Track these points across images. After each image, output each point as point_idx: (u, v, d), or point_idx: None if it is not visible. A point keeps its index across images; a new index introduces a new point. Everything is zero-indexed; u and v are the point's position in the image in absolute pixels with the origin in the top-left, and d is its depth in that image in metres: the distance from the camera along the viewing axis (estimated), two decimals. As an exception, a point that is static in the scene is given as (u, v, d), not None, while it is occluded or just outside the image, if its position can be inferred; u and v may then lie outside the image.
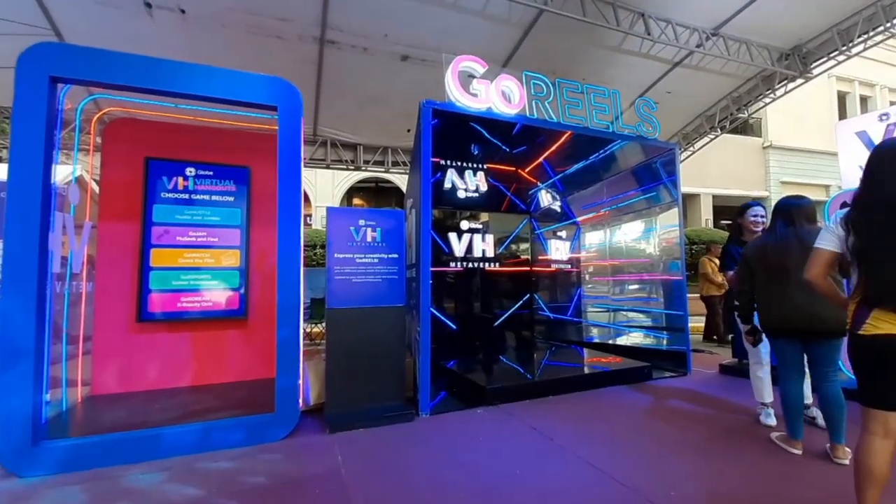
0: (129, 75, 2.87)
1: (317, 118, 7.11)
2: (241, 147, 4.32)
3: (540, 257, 6.29)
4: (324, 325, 4.11)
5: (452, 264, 5.36)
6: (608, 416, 3.40)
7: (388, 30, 5.42)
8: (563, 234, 6.34)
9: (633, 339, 5.59)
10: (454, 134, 4.64)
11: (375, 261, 3.53)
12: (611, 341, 5.79)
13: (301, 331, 3.19)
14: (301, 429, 3.12)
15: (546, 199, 6.31)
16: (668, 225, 5.12)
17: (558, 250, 6.27)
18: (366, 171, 8.82)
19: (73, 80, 2.81)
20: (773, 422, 3.14)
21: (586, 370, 4.69)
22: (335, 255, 3.42)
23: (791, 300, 2.55)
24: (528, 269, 6.23)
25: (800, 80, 7.06)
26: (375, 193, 19.50)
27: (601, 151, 5.18)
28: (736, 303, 3.03)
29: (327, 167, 8.27)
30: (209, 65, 3.06)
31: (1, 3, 4.42)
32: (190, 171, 4.13)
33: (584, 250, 6.44)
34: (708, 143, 8.86)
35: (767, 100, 7.65)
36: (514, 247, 6.26)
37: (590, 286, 6.38)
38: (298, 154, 3.23)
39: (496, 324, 5.90)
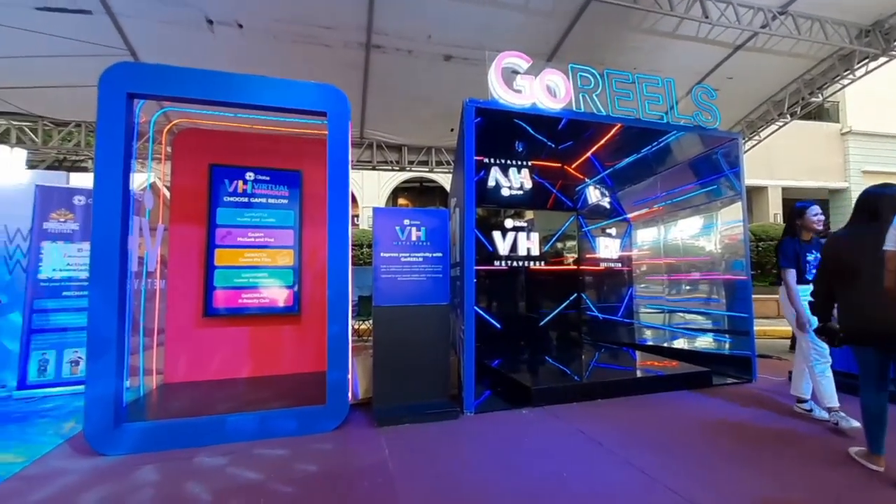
0: (195, 89, 3.11)
1: (363, 121, 7.32)
2: (294, 152, 4.54)
3: (588, 255, 6.09)
4: (371, 322, 4.23)
5: (497, 263, 5.33)
6: (662, 423, 3.23)
7: (431, 30, 5.46)
8: (612, 231, 6.10)
9: (691, 342, 5.27)
10: (498, 131, 4.60)
11: (420, 259, 3.59)
12: (666, 344, 5.49)
13: (350, 327, 3.31)
14: (350, 421, 3.24)
15: (594, 195, 6.10)
16: (730, 220, 4.77)
17: (607, 248, 6.03)
18: (410, 171, 8.96)
19: (147, 95, 3.09)
20: (856, 424, 2.82)
21: (639, 373, 4.48)
22: (381, 255, 3.51)
23: (871, 304, 2.29)
24: (574, 267, 6.05)
25: (882, 59, 6.30)
26: (420, 193, 19.76)
27: (654, 144, 4.92)
28: (811, 300, 2.79)
29: (373, 168, 8.49)
30: (263, 75, 3.25)
31: (84, 28, 4.93)
32: (249, 175, 4.39)
33: (635, 248, 6.16)
34: (776, 130, 8.14)
35: (845, 81, 6.89)
36: (559, 245, 6.10)
37: (642, 286, 6.08)
38: (346, 157, 3.35)
39: (541, 323, 5.79)
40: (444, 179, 16.86)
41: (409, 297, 3.52)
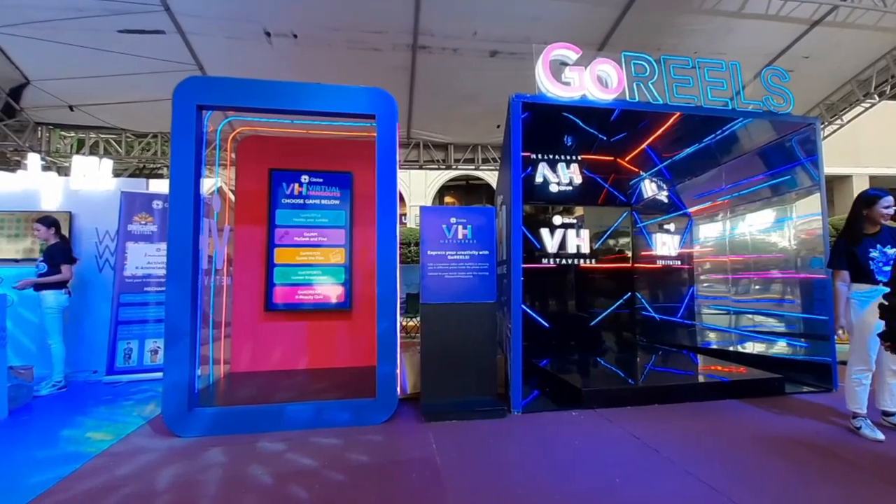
0: (255, 98, 3.32)
1: (410, 121, 7.44)
2: (345, 154, 4.71)
3: (643, 253, 5.79)
4: (418, 319, 4.30)
5: (545, 261, 5.22)
6: (727, 432, 3.01)
7: (477, 27, 5.44)
8: (670, 227, 5.75)
9: (761, 346, 4.86)
10: (545, 126, 4.50)
11: (466, 258, 3.59)
12: (732, 348, 5.10)
13: (398, 324, 3.39)
14: (399, 415, 3.32)
15: (650, 189, 5.79)
16: (807, 213, 4.34)
17: (665, 245, 5.70)
18: (456, 169, 8.99)
19: (214, 106, 3.35)
20: (881, 436, 2.72)
21: (701, 379, 4.21)
22: (428, 253, 3.56)
23: None
24: (628, 265, 5.79)
25: None
26: (466, 191, 19.77)
27: (718, 132, 4.58)
28: (883, 302, 2.54)
29: (420, 168, 8.61)
30: (317, 81, 3.40)
31: (159, 47, 5.42)
32: (304, 178, 4.62)
33: (696, 244, 5.77)
34: (862, 113, 7.28)
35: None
36: (612, 242, 5.86)
37: (705, 285, 5.69)
38: (394, 157, 3.43)
39: (593, 323, 5.60)
40: (491, 177, 16.74)
41: (456, 294, 3.54)
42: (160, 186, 5.43)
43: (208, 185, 3.70)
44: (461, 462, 2.59)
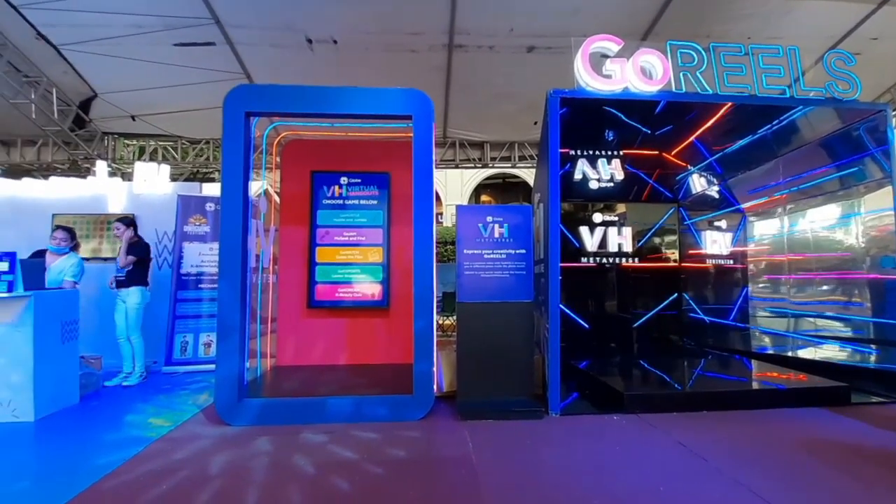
0: (298, 103, 3.46)
1: (446, 121, 7.47)
2: (382, 155, 4.79)
3: (691, 251, 5.51)
4: (455, 317, 4.31)
5: (584, 260, 5.08)
6: (783, 442, 2.81)
7: (513, 23, 5.38)
8: (721, 223, 5.44)
9: (824, 352, 4.49)
10: (585, 121, 4.38)
11: (503, 256, 3.57)
12: (790, 353, 4.75)
13: (434, 322, 3.41)
14: (435, 412, 3.35)
15: (699, 184, 5.49)
16: (877, 209, 3.97)
17: (716, 243, 5.39)
18: (493, 167, 8.94)
19: (261, 112, 3.52)
20: None
21: (755, 385, 3.96)
22: (464, 251, 3.56)
23: None
24: (675, 264, 5.52)
25: None
26: (502, 189, 19.61)
27: (775, 122, 4.28)
28: None
29: (456, 167, 8.63)
30: (356, 85, 3.49)
31: (210, 58, 5.76)
32: (344, 179, 4.75)
33: (751, 242, 5.42)
34: (947, 96, 6.56)
35: None
36: (657, 240, 5.61)
37: (760, 286, 5.34)
38: (430, 157, 3.46)
39: (636, 325, 5.38)
40: (528, 175, 16.50)
41: (493, 293, 3.52)
42: (212, 190, 5.77)
43: (255, 187, 3.89)
44: (497, 461, 2.58)
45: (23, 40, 5.61)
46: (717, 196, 5.46)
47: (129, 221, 4.67)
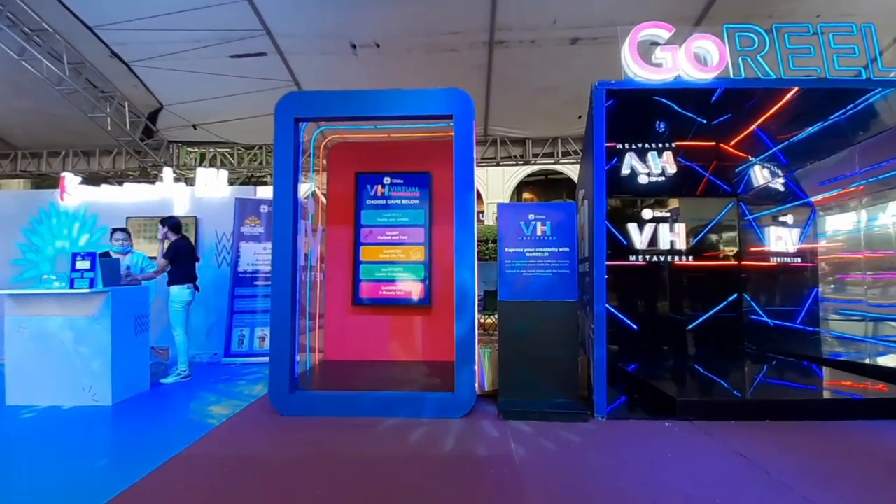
0: (343, 107, 3.58)
1: (487, 118, 7.42)
2: (424, 154, 4.85)
3: (752, 249, 5.12)
4: (496, 316, 4.28)
5: (632, 258, 4.87)
6: (859, 456, 2.56)
7: (556, 15, 5.25)
8: (788, 218, 5.02)
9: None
10: (633, 113, 4.19)
11: (546, 255, 3.50)
12: (867, 361, 4.31)
13: (476, 321, 3.41)
14: (477, 411, 3.35)
15: (761, 176, 5.09)
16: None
17: (781, 239, 4.98)
18: (535, 164, 8.78)
19: (309, 117, 3.68)
20: None
21: (826, 394, 3.63)
22: (506, 250, 3.53)
23: None
24: (734, 263, 5.16)
25: None
26: (545, 186, 19.22)
27: (849, 107, 3.89)
28: None
29: (497, 164, 8.55)
30: (398, 87, 3.56)
31: (262, 67, 6.07)
32: (386, 180, 4.86)
33: (821, 239, 4.96)
34: None
35: None
36: (714, 237, 5.26)
37: (833, 286, 4.87)
38: (471, 155, 3.45)
39: (690, 327, 5.09)
40: (572, 170, 16.07)
41: (535, 292, 3.47)
42: (266, 192, 6.10)
43: (304, 189, 4.06)
44: (540, 463, 2.54)
45: (98, 59, 6.20)
46: (782, 189, 5.04)
47: (165, 221, 4.69)
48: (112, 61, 6.23)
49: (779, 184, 5.05)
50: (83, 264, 3.82)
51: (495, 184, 18.11)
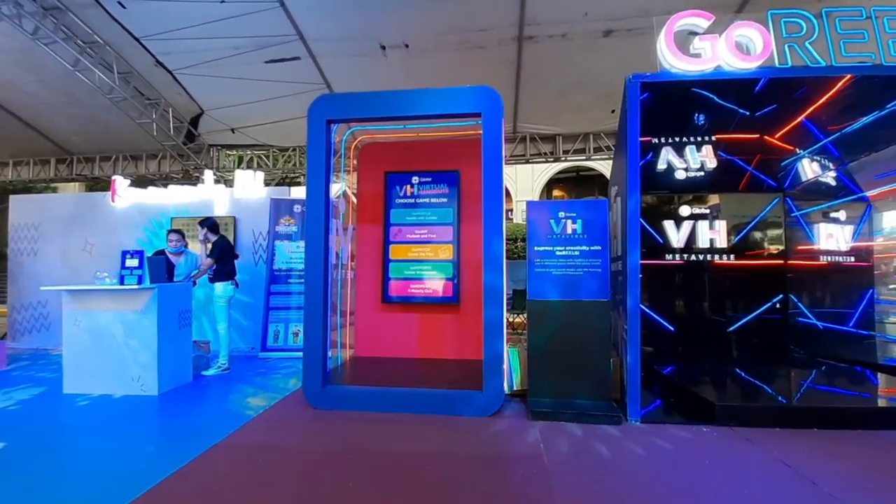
0: (373, 108, 3.63)
1: (516, 115, 7.34)
2: (452, 153, 4.85)
3: (800, 247, 4.84)
4: (525, 315, 4.24)
5: (668, 257, 4.70)
6: (924, 474, 2.37)
7: (588, 7, 5.13)
8: (839, 215, 4.71)
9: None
10: (670, 106, 4.04)
11: (576, 253, 3.43)
12: (932, 367, 3.99)
13: (504, 319, 3.39)
14: (505, 410, 3.33)
15: (810, 169, 4.79)
16: None
17: (832, 237, 4.68)
18: (565, 160, 8.62)
19: (340, 119, 3.76)
20: None
21: (881, 402, 3.39)
22: (535, 248, 3.49)
23: None
24: (780, 262, 4.88)
25: None
26: (576, 183, 18.84)
27: (910, 94, 3.60)
28: None
29: (526, 162, 8.45)
30: (427, 86, 3.58)
31: (295, 71, 6.25)
32: (415, 179, 4.90)
33: (878, 236, 4.63)
34: None
35: None
36: (757, 234, 5.00)
37: (891, 287, 4.54)
38: (500, 153, 3.43)
39: (731, 329, 4.86)
40: (604, 167, 15.67)
41: (565, 291, 3.41)
42: (299, 193, 6.28)
43: (336, 189, 4.15)
44: (570, 465, 2.50)
45: (145, 68, 6.57)
46: (833, 183, 4.73)
47: (202, 223, 4.88)
48: (157, 70, 6.58)
49: (830, 178, 4.74)
50: (132, 262, 4.06)
51: (524, 181, 17.90)
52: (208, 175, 6.72)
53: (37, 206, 6.76)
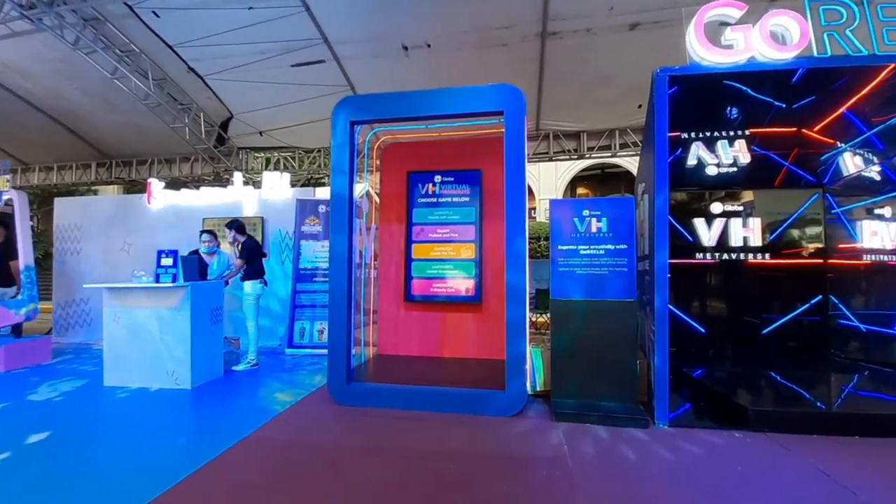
0: (395, 109, 3.66)
1: (539, 112, 7.26)
2: (474, 152, 4.84)
3: (841, 245, 4.59)
4: (548, 315, 4.19)
5: (699, 255, 4.54)
6: (981, 488, 2.21)
7: (613, 0, 5.01)
8: (885, 211, 4.43)
9: None
10: (700, 100, 3.91)
11: (601, 252, 3.37)
12: None
13: (527, 319, 3.36)
14: (528, 410, 3.30)
15: (852, 164, 4.54)
16: None
17: (877, 235, 4.41)
18: (590, 157, 8.46)
19: (364, 120, 3.80)
20: None
21: (933, 411, 3.17)
22: (558, 247, 3.44)
23: None
24: (818, 261, 4.65)
25: None
26: (601, 181, 18.47)
27: (965, 81, 3.36)
28: None
29: (550, 160, 8.34)
30: (449, 85, 3.58)
31: (320, 74, 6.36)
32: (437, 178, 4.91)
33: (928, 234, 4.34)
34: None
35: None
36: (795, 232, 4.77)
37: (942, 287, 4.25)
38: (522, 152, 3.40)
39: (766, 331, 4.66)
40: (630, 163, 15.30)
41: (589, 291, 3.35)
42: (324, 193, 6.39)
43: (359, 189, 4.21)
44: (595, 468, 2.46)
45: (177, 74, 6.82)
46: (878, 178, 4.47)
47: (230, 225, 5.01)
48: (189, 76, 6.83)
49: (874, 172, 4.47)
50: (167, 261, 4.23)
51: (547, 179, 17.67)
52: (237, 177, 6.93)
53: (79, 207, 7.13)
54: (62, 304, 6.90)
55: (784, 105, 4.12)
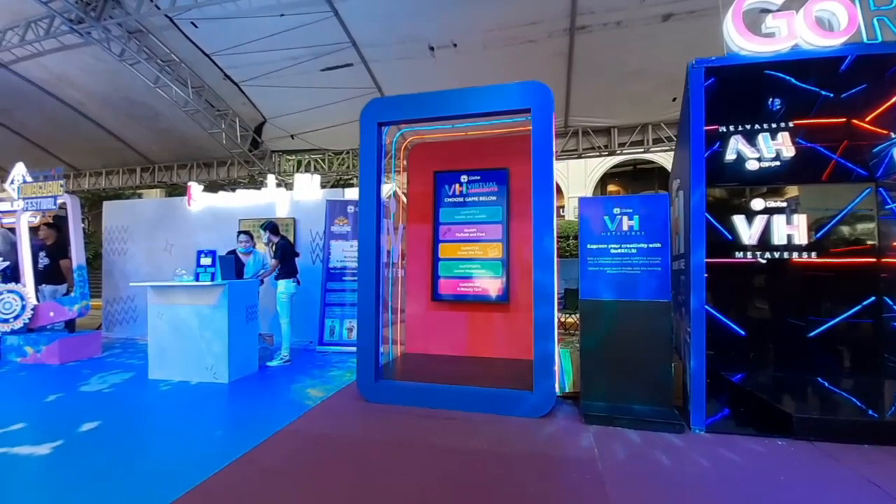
0: (422, 109, 3.68)
1: (567, 109, 7.13)
2: (501, 151, 4.81)
3: (896, 243, 4.28)
4: (577, 315, 4.11)
5: (738, 254, 4.34)
6: None
7: (645, -8, 4.86)
8: (947, 206, 4.11)
9: None
10: (739, 92, 3.75)
11: (633, 251, 3.27)
12: None
13: (556, 319, 3.31)
14: (557, 412, 3.26)
15: (909, 156, 4.23)
16: None
17: (937, 232, 4.10)
18: (621, 154, 8.22)
19: (391, 122, 3.85)
20: None
21: None
22: (588, 246, 3.37)
23: None
24: (871, 260, 4.35)
25: None
26: (633, 178, 17.96)
27: None
28: None
29: (579, 157, 8.17)
30: (476, 83, 3.56)
31: (348, 77, 6.48)
32: (464, 178, 4.91)
33: None
34: None
35: None
36: (844, 229, 4.48)
37: None
38: (550, 150, 3.35)
39: (812, 334, 4.40)
40: (664, 159, 14.82)
41: (620, 291, 3.27)
42: (352, 194, 6.51)
43: (386, 189, 4.27)
44: (627, 472, 2.40)
45: (214, 81, 7.11)
46: (940, 170, 4.14)
47: (265, 226, 5.21)
48: (225, 83, 7.11)
49: (935, 164, 4.14)
50: (206, 261, 4.42)
51: (577, 177, 17.33)
52: (271, 179, 7.16)
53: (125, 210, 7.56)
54: (110, 301, 7.34)
55: (832, 95, 3.88)
